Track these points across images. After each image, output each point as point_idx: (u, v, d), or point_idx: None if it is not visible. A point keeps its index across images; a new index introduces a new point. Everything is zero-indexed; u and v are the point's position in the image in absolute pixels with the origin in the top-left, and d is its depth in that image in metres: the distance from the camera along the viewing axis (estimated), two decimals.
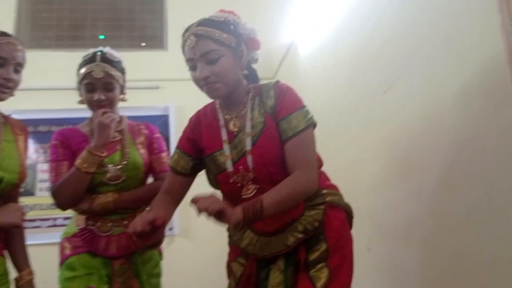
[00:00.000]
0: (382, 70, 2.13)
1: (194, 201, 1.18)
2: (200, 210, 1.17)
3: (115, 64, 1.83)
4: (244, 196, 1.40)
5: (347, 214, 1.49)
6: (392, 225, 2.01)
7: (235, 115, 1.47)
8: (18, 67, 1.58)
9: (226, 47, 1.40)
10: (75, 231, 1.78)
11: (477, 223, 1.45)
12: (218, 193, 1.34)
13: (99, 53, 1.80)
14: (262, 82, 1.56)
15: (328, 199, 1.45)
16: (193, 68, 1.43)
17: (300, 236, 1.39)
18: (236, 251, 1.54)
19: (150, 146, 1.93)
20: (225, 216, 1.18)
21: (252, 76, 1.58)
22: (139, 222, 1.25)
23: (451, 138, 1.59)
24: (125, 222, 1.78)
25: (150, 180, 1.95)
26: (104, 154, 1.73)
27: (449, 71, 1.60)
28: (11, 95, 1.57)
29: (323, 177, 1.53)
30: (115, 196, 1.76)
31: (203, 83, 1.41)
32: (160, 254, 1.90)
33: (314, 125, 1.42)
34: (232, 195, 1.45)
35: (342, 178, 2.35)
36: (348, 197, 1.56)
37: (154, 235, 1.29)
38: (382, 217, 2.11)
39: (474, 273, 1.47)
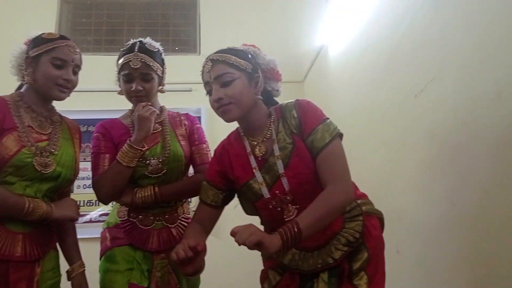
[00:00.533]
0: (413, 73, 2.11)
1: (233, 233, 1.17)
2: (239, 243, 1.15)
3: (154, 54, 1.80)
4: (286, 219, 1.41)
5: (380, 221, 1.52)
6: (423, 228, 2.00)
7: (261, 139, 1.48)
8: (76, 68, 1.65)
9: (241, 71, 1.44)
10: (117, 221, 1.79)
11: None
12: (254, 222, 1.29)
13: (138, 43, 1.79)
14: (291, 84, 1.59)
15: (364, 208, 1.47)
16: (209, 92, 1.48)
17: (345, 249, 1.40)
18: (274, 261, 1.54)
19: (191, 137, 1.90)
20: (264, 247, 1.16)
21: (270, 100, 1.59)
22: (181, 248, 1.26)
23: (485, 142, 1.57)
24: (166, 216, 1.79)
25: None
26: (144, 148, 1.71)
27: (483, 74, 1.58)
28: (68, 95, 1.64)
29: (353, 187, 1.54)
30: (156, 190, 1.74)
31: (217, 106, 1.44)
32: None
33: (340, 135, 1.42)
34: (274, 220, 1.45)
35: (371, 181, 2.36)
36: (378, 200, 1.57)
37: (195, 261, 1.30)
38: (412, 219, 2.09)
39: (510, 278, 1.44)
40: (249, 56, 1.49)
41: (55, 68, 1.58)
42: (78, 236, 1.77)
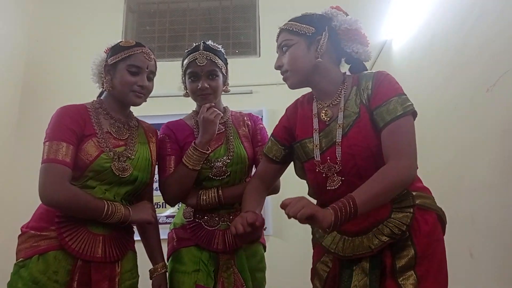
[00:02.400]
0: (485, 66, 2.01)
1: (283, 205, 1.15)
2: (290, 215, 1.13)
3: (218, 53, 1.82)
4: (328, 188, 1.40)
5: (439, 218, 1.38)
6: (499, 230, 1.88)
7: (328, 104, 1.45)
8: (151, 75, 1.71)
9: (299, 36, 1.44)
10: (183, 222, 1.82)
11: None
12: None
13: (202, 44, 1.82)
14: None
15: (418, 201, 1.35)
16: None
17: (385, 239, 1.31)
18: (320, 251, 1.51)
19: (254, 137, 1.90)
20: (317, 221, 1.13)
21: (357, 66, 1.52)
22: (240, 223, 1.30)
23: None
24: (231, 217, 1.79)
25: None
26: (209, 151, 1.73)
27: None
28: (144, 100, 1.71)
29: (417, 179, 1.43)
30: (220, 193, 1.75)
31: (281, 74, 1.49)
32: (264, 247, 1.90)
33: (413, 113, 1.34)
34: (318, 185, 1.45)
35: (440, 180, 2.26)
36: (447, 200, 1.49)
37: (253, 234, 1.34)
38: (487, 221, 1.98)
39: None
40: (314, 19, 1.47)
41: (130, 75, 1.64)
42: None
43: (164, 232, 1.95)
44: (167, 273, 1.77)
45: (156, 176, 1.80)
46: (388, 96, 1.34)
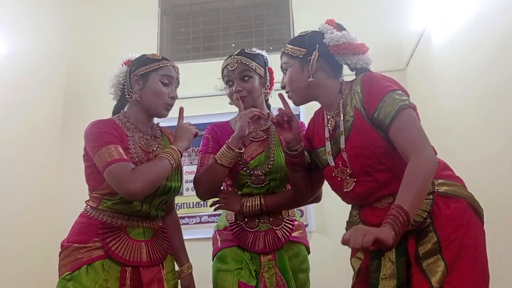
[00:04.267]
0: None
1: (344, 242, 1.16)
2: (357, 248, 1.15)
3: (252, 56, 1.87)
4: (345, 190, 1.49)
5: (469, 205, 1.36)
6: None
7: (332, 114, 1.56)
8: (177, 86, 1.77)
9: (293, 59, 1.59)
10: (226, 224, 1.88)
11: None
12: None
13: (237, 50, 1.89)
14: (392, 73, 1.52)
15: (442, 189, 1.36)
16: None
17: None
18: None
19: None
20: (382, 241, 1.12)
21: (359, 71, 1.59)
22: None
23: None
24: (271, 218, 1.84)
25: None
26: (242, 150, 1.76)
27: None
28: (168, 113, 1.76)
29: (439, 167, 1.39)
30: (262, 201, 1.79)
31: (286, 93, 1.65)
32: (307, 249, 1.92)
33: (409, 106, 1.37)
34: (337, 189, 1.56)
35: (489, 170, 2.15)
36: (497, 191, 1.42)
37: (291, 127, 1.60)
38: None
39: None
40: (307, 39, 1.58)
41: (163, 85, 1.69)
42: (190, 237, 1.88)
43: (206, 231, 1.98)
44: (193, 272, 1.83)
45: (192, 177, 1.89)
46: (381, 97, 1.40)
